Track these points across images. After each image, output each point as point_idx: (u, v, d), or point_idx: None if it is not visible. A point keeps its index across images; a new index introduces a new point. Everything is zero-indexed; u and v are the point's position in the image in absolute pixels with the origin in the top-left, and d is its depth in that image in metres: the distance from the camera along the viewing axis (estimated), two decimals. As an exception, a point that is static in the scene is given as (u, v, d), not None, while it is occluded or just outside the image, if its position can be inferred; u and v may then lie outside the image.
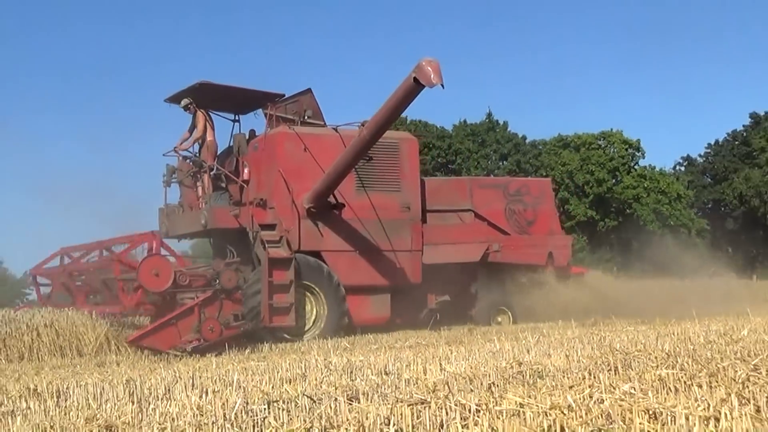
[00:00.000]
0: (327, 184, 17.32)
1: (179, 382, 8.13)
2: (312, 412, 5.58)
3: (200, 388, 7.62)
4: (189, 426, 5.29)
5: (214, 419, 5.47)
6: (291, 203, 17.62)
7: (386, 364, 8.93)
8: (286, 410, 5.68)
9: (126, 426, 5.57)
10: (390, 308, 18.56)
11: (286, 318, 16.30)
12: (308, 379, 7.83)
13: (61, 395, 7.80)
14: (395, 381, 7.31)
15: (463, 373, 7.66)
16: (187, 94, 18.08)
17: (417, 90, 14.87)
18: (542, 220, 21.21)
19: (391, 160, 18.87)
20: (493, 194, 20.76)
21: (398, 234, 18.67)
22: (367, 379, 7.68)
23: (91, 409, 6.44)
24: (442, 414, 5.20)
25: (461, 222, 20.19)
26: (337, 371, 8.55)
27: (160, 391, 7.58)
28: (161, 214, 19.40)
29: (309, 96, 18.88)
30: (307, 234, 17.68)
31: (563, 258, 21.24)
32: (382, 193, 18.64)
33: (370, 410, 5.31)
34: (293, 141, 17.92)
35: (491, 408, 5.30)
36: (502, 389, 6.30)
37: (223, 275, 16.41)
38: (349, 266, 17.97)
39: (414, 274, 18.91)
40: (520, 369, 7.74)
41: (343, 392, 6.52)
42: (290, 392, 6.64)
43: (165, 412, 6.03)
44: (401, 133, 19.85)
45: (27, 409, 6.91)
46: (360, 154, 16.94)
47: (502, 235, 20.42)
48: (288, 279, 16.44)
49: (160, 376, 9.07)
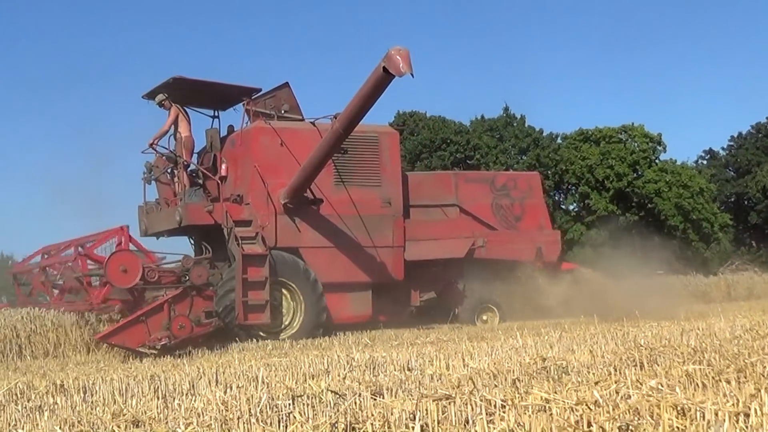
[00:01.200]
0: (302, 179, 16.99)
1: (203, 378, 8.16)
2: (337, 407, 5.58)
3: (224, 383, 7.64)
4: (215, 421, 5.29)
5: (239, 414, 5.48)
6: (267, 199, 17.33)
7: (409, 360, 8.92)
8: (310, 406, 5.68)
9: (152, 421, 5.58)
10: (371, 306, 18.22)
11: (261, 316, 15.98)
12: (331, 375, 7.83)
13: (87, 391, 7.83)
14: (418, 377, 7.31)
15: (487, 368, 7.65)
16: (162, 90, 17.81)
17: (387, 80, 14.50)
18: (531, 215, 20.81)
19: (371, 154, 18.51)
20: (480, 189, 20.41)
21: (379, 230, 18.31)
22: (390, 374, 7.67)
23: (117, 405, 6.47)
24: (467, 409, 5.19)
25: (446, 217, 19.81)
26: (359, 367, 8.55)
27: (185, 386, 7.60)
28: (140, 211, 19.16)
29: (286, 90, 18.48)
30: (283, 230, 17.36)
31: (553, 253, 20.84)
32: (362, 187, 18.28)
33: (395, 405, 5.30)
34: (269, 136, 17.65)
35: (517, 403, 5.29)
36: (527, 385, 6.28)
37: (193, 271, 16.11)
38: (327, 263, 17.61)
39: (396, 271, 18.55)
40: (544, 365, 7.72)
41: (367, 388, 6.51)
42: (314, 388, 6.64)
43: (190, 407, 6.05)
44: (381, 127, 19.36)
45: (54, 404, 6.95)
46: (334, 147, 16.56)
47: (489, 230, 20.07)
48: (263, 276, 16.09)
49: (184, 372, 9.10)
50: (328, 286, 17.17)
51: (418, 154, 50.74)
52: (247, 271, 15.97)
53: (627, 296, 19.95)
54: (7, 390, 8.22)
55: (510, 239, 20.14)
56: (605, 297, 19.92)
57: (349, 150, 17.92)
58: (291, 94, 18.48)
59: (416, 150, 50.80)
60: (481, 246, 19.68)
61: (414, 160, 50.48)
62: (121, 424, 5.52)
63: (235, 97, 18.40)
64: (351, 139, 17.36)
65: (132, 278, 15.64)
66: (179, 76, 17.45)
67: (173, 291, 15.75)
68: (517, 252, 20.12)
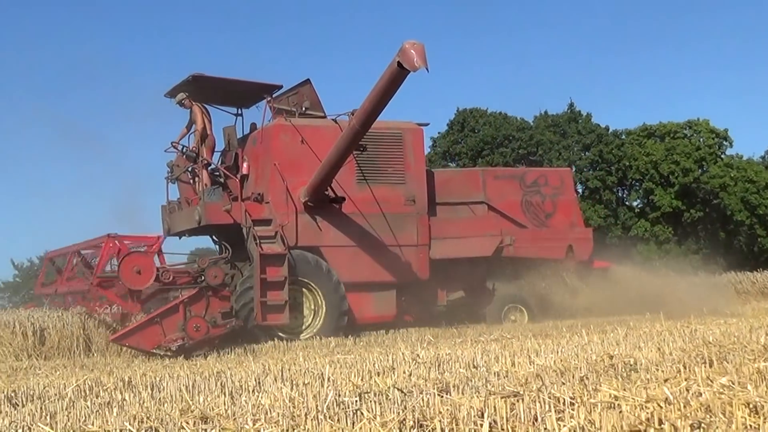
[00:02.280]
0: (322, 178, 16.67)
1: (269, 375, 8.19)
2: (404, 404, 5.57)
3: (290, 380, 7.66)
4: (282, 418, 5.30)
5: (307, 411, 5.48)
6: (287, 197, 17.06)
7: (474, 357, 8.89)
8: (377, 403, 5.67)
9: (220, 417, 5.60)
10: (395, 305, 17.91)
11: (280, 316, 15.71)
12: (397, 372, 7.81)
13: (155, 387, 7.91)
14: (484, 374, 7.27)
15: (553, 365, 7.60)
16: (183, 89, 17.66)
17: (402, 74, 14.17)
18: (562, 212, 20.24)
19: (395, 151, 18.17)
20: (509, 185, 19.88)
21: (403, 228, 17.95)
22: (455, 372, 7.65)
23: (184, 401, 6.51)
24: (535, 407, 5.15)
25: (473, 215, 19.36)
26: (425, 364, 8.53)
27: (251, 383, 7.64)
28: (163, 211, 19.05)
29: (308, 87, 18.18)
30: (304, 229, 17.08)
31: (584, 251, 20.22)
32: (386, 185, 17.96)
33: (462, 403, 5.28)
34: (289, 133, 17.38)
35: (585, 401, 5.24)
36: (595, 382, 6.22)
37: (208, 272, 15.90)
38: (350, 262, 17.31)
39: (421, 270, 18.18)
40: (611, 362, 7.66)
41: (433, 385, 6.50)
42: (380, 385, 6.64)
43: (257, 404, 6.07)
44: (405, 123, 18.74)
45: (123, 400, 7.02)
46: (352, 144, 16.18)
47: (518, 228, 19.56)
48: (282, 276, 15.82)
49: (250, 369, 9.16)
50: (350, 285, 16.95)
51: (479, 151, 50.59)
52: (265, 270, 15.74)
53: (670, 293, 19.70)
54: (76, 386, 8.33)
55: (540, 237, 19.70)
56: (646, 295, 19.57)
57: (373, 147, 17.56)
58: (313, 90, 18.17)
59: (478, 147, 50.64)
60: (508, 244, 19.19)
61: (475, 157, 50.34)
62: (189, 420, 5.55)
63: (257, 94, 18.18)
64: (374, 135, 17.20)
65: (146, 279, 15.40)
66: (198, 74, 17.30)
67: (189, 291, 15.57)
68: (547, 250, 19.66)
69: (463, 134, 52.31)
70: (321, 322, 16.45)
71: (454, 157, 52.16)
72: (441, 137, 53.19)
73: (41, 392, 8.18)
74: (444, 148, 52.38)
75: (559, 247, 19.78)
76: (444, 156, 52.26)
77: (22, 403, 7.42)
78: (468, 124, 52.28)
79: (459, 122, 52.80)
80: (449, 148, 52.21)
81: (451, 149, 52.15)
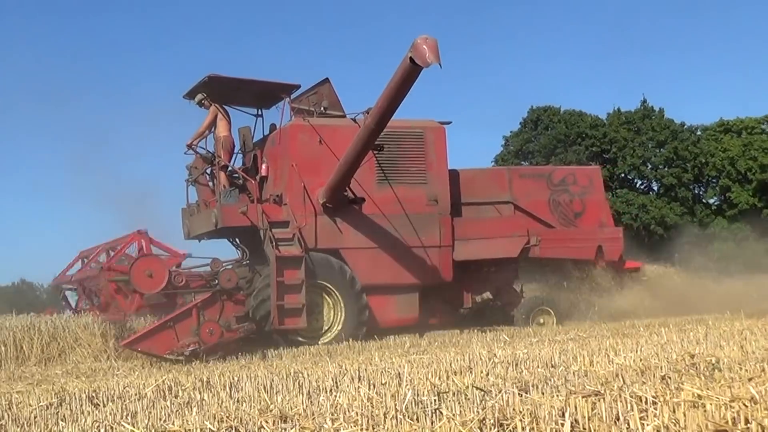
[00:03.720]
0: (339, 178, 16.23)
1: (346, 375, 8.19)
2: (483, 403, 5.53)
3: (367, 380, 7.66)
4: (361, 417, 5.29)
5: (386, 410, 5.47)
6: (306, 198, 16.64)
7: (552, 357, 8.82)
8: (456, 402, 5.64)
9: (299, 417, 5.62)
10: (418, 308, 17.38)
11: (298, 320, 15.40)
12: (474, 372, 7.77)
13: (233, 387, 7.96)
14: (564, 373, 7.20)
15: (633, 365, 7.50)
16: (200, 90, 17.35)
17: (415, 71, 13.61)
18: (591, 212, 19.55)
19: (416, 150, 17.66)
20: (536, 184, 19.24)
21: (425, 229, 17.43)
22: (533, 371, 7.58)
23: (263, 401, 6.54)
24: (617, 406, 5.07)
25: (499, 215, 18.76)
26: (501, 363, 8.47)
27: (328, 383, 7.65)
28: (183, 214, 18.67)
29: (327, 86, 17.82)
30: (323, 231, 16.68)
31: (614, 252, 19.48)
32: (407, 185, 17.43)
33: (543, 402, 5.23)
34: (307, 133, 16.95)
35: (668, 400, 5.15)
36: (677, 381, 6.12)
37: (222, 275, 15.38)
38: (371, 264, 16.86)
39: (444, 272, 17.65)
40: (692, 361, 7.54)
41: (512, 384, 6.45)
42: (459, 384, 6.61)
43: (335, 404, 6.07)
44: (427, 122, 18.15)
45: (201, 400, 7.08)
46: (367, 144, 15.62)
47: (546, 228, 18.97)
48: (299, 279, 15.50)
49: (327, 369, 9.17)
50: (371, 288, 16.61)
51: (552, 149, 50.29)
52: (282, 273, 15.44)
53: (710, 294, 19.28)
54: (155, 386, 8.43)
55: (568, 237, 19.10)
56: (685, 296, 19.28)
57: (393, 146, 17.20)
58: (332, 90, 17.83)
59: (551, 144, 50.35)
60: (535, 245, 18.63)
61: (548, 154, 50.05)
62: (268, 419, 5.57)
63: (275, 94, 17.77)
64: (395, 134, 16.99)
65: (158, 283, 15.12)
66: (214, 74, 17.03)
67: (202, 295, 15.22)
68: (575, 250, 19.09)
69: (536, 132, 52.04)
70: (341, 326, 16.16)
71: (526, 156, 51.94)
72: (513, 136, 53.02)
73: (121, 392, 8.30)
74: (517, 147, 52.17)
75: (588, 247, 19.18)
76: (516, 154, 52.05)
77: (103, 403, 7.52)
78: (541, 122, 52.00)
79: (532, 120, 52.57)
80: (522, 146, 52.00)
81: (523, 148, 51.92)
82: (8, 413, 7.19)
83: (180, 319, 14.44)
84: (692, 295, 19.53)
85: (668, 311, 18.32)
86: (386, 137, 16.49)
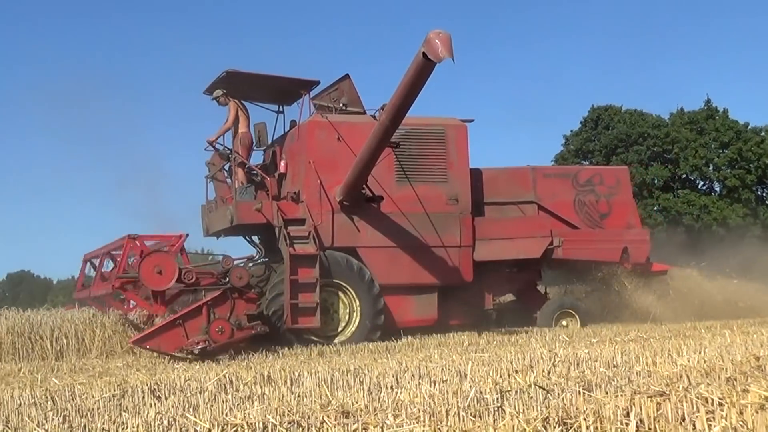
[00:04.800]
0: (355, 176, 15.89)
1: (407, 372, 8.19)
2: (546, 402, 5.49)
3: (428, 377, 7.65)
4: (424, 413, 5.28)
5: (448, 407, 5.45)
6: (323, 196, 16.45)
7: (613, 357, 8.74)
8: (519, 400, 5.61)
9: (360, 412, 5.62)
10: (437, 309, 17.09)
11: (311, 319, 15.19)
12: (535, 371, 7.73)
13: (294, 382, 7.99)
14: (626, 373, 7.13)
15: (697, 366, 7.42)
16: (218, 85, 17.24)
17: (428, 66, 13.12)
18: (618, 213, 19.17)
19: (437, 149, 17.37)
20: (560, 184, 18.89)
21: (445, 228, 17.12)
22: (596, 371, 7.52)
23: (324, 396, 6.56)
24: (683, 407, 5.01)
25: (522, 215, 18.46)
26: (563, 363, 8.42)
27: (388, 380, 7.64)
28: (203, 211, 18.65)
29: (347, 82, 17.58)
30: (341, 229, 16.50)
31: (641, 254, 19.07)
32: (427, 184, 17.14)
33: (607, 401, 5.18)
34: (325, 130, 16.72)
35: (735, 401, 5.08)
36: (743, 383, 6.02)
37: (232, 273, 14.96)
38: (388, 264, 16.66)
39: (464, 272, 17.30)
40: (758, 363, 7.43)
41: (575, 383, 6.40)
42: (521, 382, 6.57)
43: (396, 400, 6.07)
44: (448, 119, 17.79)
45: (262, 394, 7.11)
46: (383, 141, 15.19)
47: (570, 229, 18.60)
48: (313, 277, 15.32)
49: (387, 366, 9.17)
50: (389, 288, 16.43)
51: (613, 149, 49.81)
52: (296, 271, 15.31)
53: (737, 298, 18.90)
54: (216, 380, 8.49)
55: (593, 238, 18.67)
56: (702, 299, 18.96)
57: (414, 144, 17.07)
58: (352, 86, 17.60)
59: (612, 144, 49.88)
60: (557, 246, 18.22)
61: (609, 154, 49.59)
62: (330, 414, 5.58)
63: (294, 90, 17.52)
64: (415, 132, 16.86)
65: (168, 280, 14.84)
66: (232, 70, 16.89)
67: (213, 293, 14.88)
68: (600, 252, 18.65)
69: (597, 132, 51.57)
70: (355, 326, 15.94)
71: (586, 155, 51.50)
72: (573, 135, 52.59)
73: (183, 385, 8.36)
74: (577, 146, 51.76)
75: (614, 249, 18.73)
76: (576, 154, 51.65)
77: (165, 396, 7.58)
78: (602, 121, 51.53)
79: (592, 120, 52.08)
80: (582, 145, 51.57)
81: (584, 147, 51.50)
82: (72, 404, 7.28)
83: (190, 316, 14.29)
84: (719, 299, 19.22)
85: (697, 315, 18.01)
86: (406, 135, 16.50)
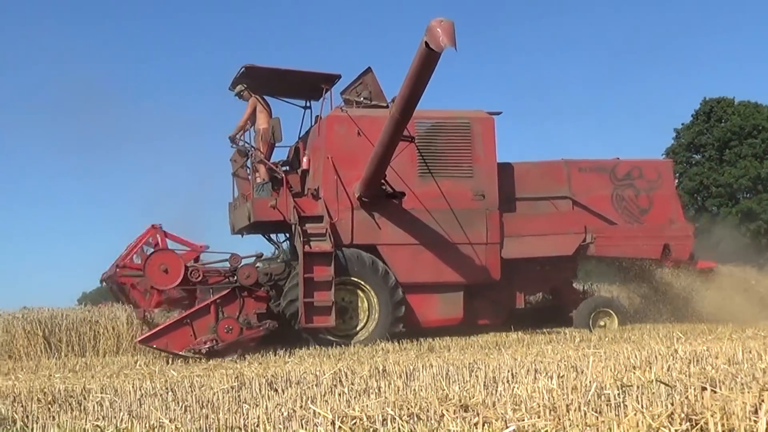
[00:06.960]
0: (371, 172, 15.43)
1: (522, 367, 8.14)
2: (670, 398, 5.39)
3: (544, 372, 7.59)
4: (544, 408, 5.24)
5: (568, 402, 5.40)
6: (342, 192, 16.04)
7: (734, 353, 8.55)
8: (641, 396, 5.52)
9: (479, 406, 5.60)
10: (463, 308, 16.50)
11: (326, 318, 14.88)
12: (654, 367, 7.60)
13: (409, 376, 8.01)
14: (751, 370, 6.97)
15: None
16: (239, 81, 16.97)
17: (431, 56, 12.65)
18: (659, 208, 18.22)
19: (462, 143, 16.69)
20: (597, 179, 18.07)
21: (471, 225, 16.50)
22: (717, 367, 7.36)
23: (441, 390, 6.56)
24: (815, 404, 4.87)
25: (554, 211, 17.73)
26: (683, 359, 8.27)
27: (504, 374, 7.61)
28: (229, 208, 18.40)
29: (370, 75, 17.11)
30: (360, 226, 16.04)
31: (683, 250, 18.10)
32: (451, 179, 16.52)
33: (734, 398, 5.06)
34: (345, 124, 16.26)
35: None
36: None
37: (240, 271, 14.87)
38: (410, 261, 16.18)
39: (491, 270, 16.70)
40: None
41: (697, 379, 6.28)
42: (641, 378, 6.48)
43: (514, 395, 6.03)
44: (474, 112, 17.13)
45: (378, 388, 7.14)
46: (395, 135, 14.69)
47: (607, 225, 17.82)
48: (329, 275, 14.98)
49: (502, 361, 9.14)
50: (411, 286, 16.04)
51: (726, 142, 48.74)
52: (311, 269, 14.99)
53: None
54: (331, 374, 8.56)
55: (632, 235, 17.91)
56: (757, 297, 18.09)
57: (438, 137, 16.59)
58: (374, 79, 17.13)
59: (725, 137, 48.80)
60: (591, 242, 17.55)
61: (722, 147, 48.56)
62: (449, 408, 5.57)
63: (315, 85, 16.98)
64: (439, 125, 16.51)
65: (174, 278, 14.75)
66: (251, 65, 16.63)
67: (221, 292, 14.78)
68: (638, 249, 17.94)
69: (709, 125, 50.50)
70: (374, 326, 15.58)
71: (698, 149, 50.53)
72: (685, 128, 51.61)
73: (299, 378, 8.45)
74: (688, 140, 50.79)
75: (654, 245, 17.94)
76: (688, 147, 50.70)
77: (282, 389, 7.67)
78: (714, 114, 50.44)
79: (705, 112, 51.00)
80: (694, 139, 50.58)
81: (695, 140, 50.51)
82: (192, 395, 7.42)
83: (198, 315, 14.28)
84: None
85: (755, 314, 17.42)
86: (431, 129, 16.25)
